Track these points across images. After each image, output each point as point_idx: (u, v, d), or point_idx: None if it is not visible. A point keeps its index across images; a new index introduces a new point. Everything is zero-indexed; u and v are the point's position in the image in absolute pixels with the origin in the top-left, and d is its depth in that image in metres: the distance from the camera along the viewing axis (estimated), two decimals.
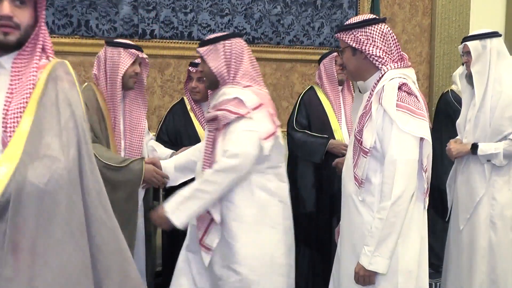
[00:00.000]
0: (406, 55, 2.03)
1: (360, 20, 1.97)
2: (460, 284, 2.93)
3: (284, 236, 2.18)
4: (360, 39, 1.93)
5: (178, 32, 3.90)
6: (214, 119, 2.08)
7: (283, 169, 2.23)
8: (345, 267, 2.05)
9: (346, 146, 2.82)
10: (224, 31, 4.04)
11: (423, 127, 1.86)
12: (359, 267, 1.90)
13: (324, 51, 4.29)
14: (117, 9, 3.71)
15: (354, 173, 1.97)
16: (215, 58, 2.13)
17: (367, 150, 1.90)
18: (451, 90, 4.00)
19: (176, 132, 3.02)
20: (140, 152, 2.54)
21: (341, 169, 2.16)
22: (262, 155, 2.03)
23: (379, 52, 1.92)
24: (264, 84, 2.27)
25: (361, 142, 1.93)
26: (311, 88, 3.44)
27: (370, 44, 1.92)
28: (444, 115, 3.92)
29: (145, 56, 2.66)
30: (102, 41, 2.60)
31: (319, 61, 3.43)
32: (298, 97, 3.46)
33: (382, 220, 1.83)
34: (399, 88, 1.87)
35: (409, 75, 1.97)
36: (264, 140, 2.02)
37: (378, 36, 1.93)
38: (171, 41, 3.89)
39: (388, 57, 1.94)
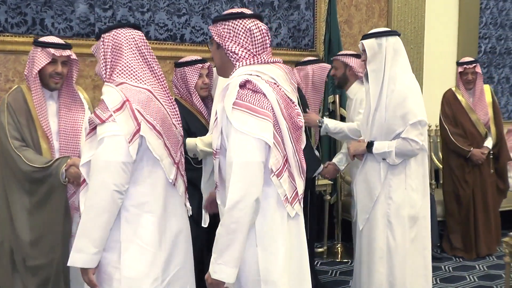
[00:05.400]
0: (269, 52, 1.88)
1: (228, 13, 1.85)
2: (360, 286, 2.89)
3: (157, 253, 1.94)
4: (222, 33, 1.82)
5: None
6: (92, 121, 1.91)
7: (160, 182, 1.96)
8: None
9: None
10: (181, 31, 4.06)
11: (264, 128, 1.69)
12: (207, 274, 1.74)
13: (281, 52, 4.39)
14: (73, 8, 3.69)
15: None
16: (98, 57, 2.00)
17: (215, 152, 1.80)
18: None
19: None
20: (77, 152, 2.52)
21: None
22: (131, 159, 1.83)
23: (237, 48, 1.80)
24: (161, 77, 2.02)
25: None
26: None
27: (231, 39, 1.81)
28: None
29: (66, 54, 2.51)
30: None
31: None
32: None
33: (222, 226, 1.69)
34: (243, 85, 1.73)
35: (266, 72, 1.80)
36: (129, 143, 1.81)
37: (241, 31, 1.80)
38: None
39: (246, 54, 1.81)
